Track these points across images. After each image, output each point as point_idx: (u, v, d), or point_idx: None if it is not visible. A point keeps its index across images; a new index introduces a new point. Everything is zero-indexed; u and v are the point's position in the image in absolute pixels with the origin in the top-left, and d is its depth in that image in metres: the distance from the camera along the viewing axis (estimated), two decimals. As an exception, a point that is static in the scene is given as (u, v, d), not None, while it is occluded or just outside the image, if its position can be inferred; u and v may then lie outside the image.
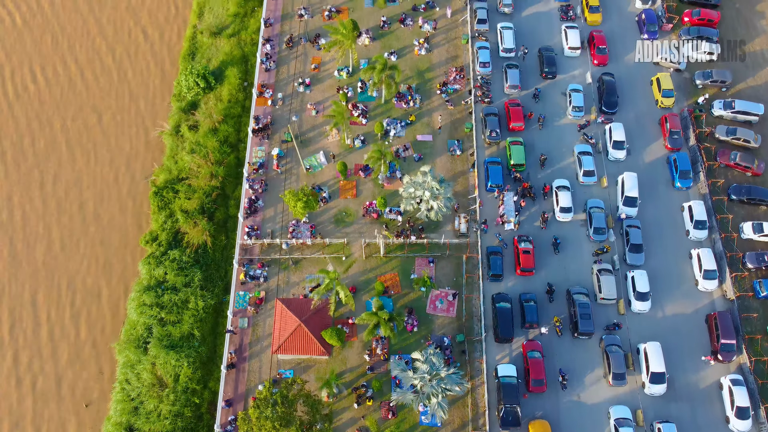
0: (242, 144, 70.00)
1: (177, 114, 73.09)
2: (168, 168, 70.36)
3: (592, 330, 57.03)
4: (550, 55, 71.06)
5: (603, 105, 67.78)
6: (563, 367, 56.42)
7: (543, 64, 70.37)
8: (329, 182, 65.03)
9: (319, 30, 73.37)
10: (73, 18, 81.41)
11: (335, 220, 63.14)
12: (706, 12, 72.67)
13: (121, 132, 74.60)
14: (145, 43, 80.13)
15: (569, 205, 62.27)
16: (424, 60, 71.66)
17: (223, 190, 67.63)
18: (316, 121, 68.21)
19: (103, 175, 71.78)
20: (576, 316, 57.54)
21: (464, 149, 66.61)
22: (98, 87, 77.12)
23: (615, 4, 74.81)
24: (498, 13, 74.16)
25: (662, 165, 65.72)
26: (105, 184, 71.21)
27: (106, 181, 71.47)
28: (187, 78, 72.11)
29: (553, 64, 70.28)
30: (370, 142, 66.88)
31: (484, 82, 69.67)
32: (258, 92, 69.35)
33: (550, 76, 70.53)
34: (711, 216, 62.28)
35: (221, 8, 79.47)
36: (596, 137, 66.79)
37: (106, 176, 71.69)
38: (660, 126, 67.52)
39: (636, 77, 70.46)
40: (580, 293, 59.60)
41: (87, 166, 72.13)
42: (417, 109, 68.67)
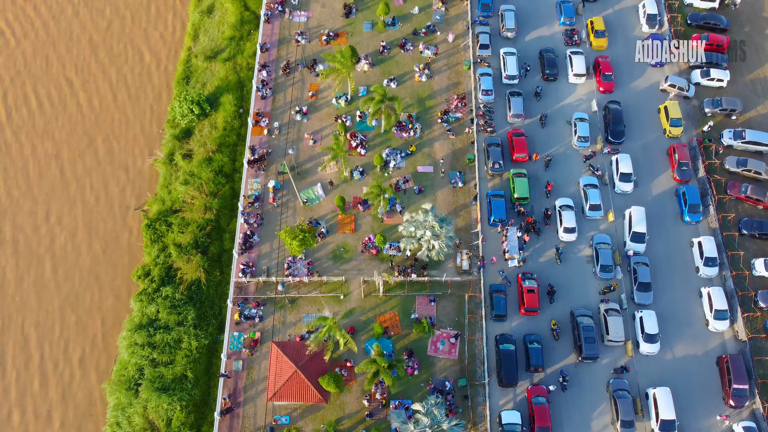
0: (237, 174, 67.95)
1: (171, 141, 71.07)
2: (161, 198, 68.37)
3: (597, 354, 55.52)
4: (551, 57, 69.84)
5: (609, 134, 65.76)
6: (563, 368, 55.91)
7: (544, 66, 69.46)
8: (327, 216, 63.00)
9: (316, 55, 71.32)
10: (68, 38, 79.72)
11: (333, 256, 61.11)
12: (715, 37, 70.63)
13: (115, 158, 72.57)
14: (141, 66, 78.12)
15: (573, 226, 60.68)
16: (425, 87, 69.63)
17: (217, 222, 65.59)
18: (313, 152, 66.18)
19: (97, 202, 69.84)
20: (580, 339, 55.90)
21: (466, 181, 64.57)
22: (92, 111, 75.05)
23: (621, 29, 72.76)
24: (501, 37, 72.10)
25: (670, 198, 63.68)
26: (99, 213, 69.26)
27: (101, 209, 69.53)
28: (181, 105, 70.06)
29: (554, 66, 69.25)
30: (369, 173, 64.86)
31: (486, 111, 67.64)
32: (254, 121, 67.32)
33: (551, 77, 69.27)
34: (721, 252, 60.25)
35: (216, 31, 77.45)
36: (602, 168, 64.76)
37: (101, 204, 69.76)
38: (668, 157, 65.48)
39: (643, 105, 68.43)
40: (584, 315, 57.89)
41: (80, 193, 70.16)
42: (417, 139, 66.64)
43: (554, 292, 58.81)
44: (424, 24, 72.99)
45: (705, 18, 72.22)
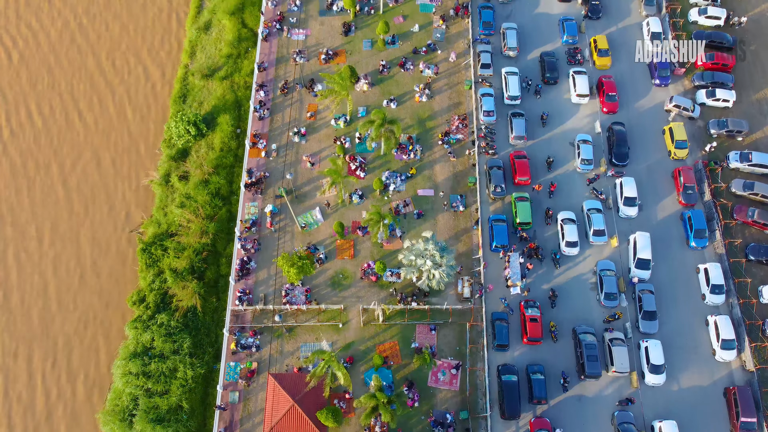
0: (234, 196, 66.73)
1: (167, 162, 69.89)
2: (157, 220, 67.19)
3: (599, 373, 54.64)
4: (552, 60, 69.17)
5: (613, 157, 64.51)
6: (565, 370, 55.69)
7: (544, 70, 68.90)
8: (325, 241, 61.75)
9: (315, 75, 70.07)
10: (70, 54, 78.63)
11: (332, 283, 59.86)
12: (720, 56, 69.40)
13: (118, 177, 71.40)
14: (146, 82, 76.89)
15: (575, 240, 59.75)
16: (425, 107, 68.39)
17: (214, 246, 64.36)
18: (311, 174, 64.93)
19: (101, 223, 68.76)
20: (582, 357, 54.97)
21: (467, 204, 63.33)
22: (96, 128, 73.92)
23: (625, 47, 71.51)
24: (503, 56, 70.86)
25: (676, 222, 62.44)
26: (102, 234, 68.17)
27: (104, 229, 68.45)
28: (177, 125, 68.85)
29: (554, 69, 68.78)
30: (369, 197, 63.63)
31: (488, 132, 66.42)
32: (251, 143, 66.10)
33: (551, 81, 68.71)
34: (728, 279, 59.01)
35: (214, 48, 76.26)
36: (606, 192, 63.52)
37: (104, 225, 68.69)
38: (673, 179, 64.24)
39: (647, 125, 67.21)
40: (587, 333, 56.79)
41: (84, 212, 69.07)
42: (417, 161, 65.40)
43: (556, 296, 58.23)
44: (424, 42, 71.77)
45: (710, 36, 70.96)
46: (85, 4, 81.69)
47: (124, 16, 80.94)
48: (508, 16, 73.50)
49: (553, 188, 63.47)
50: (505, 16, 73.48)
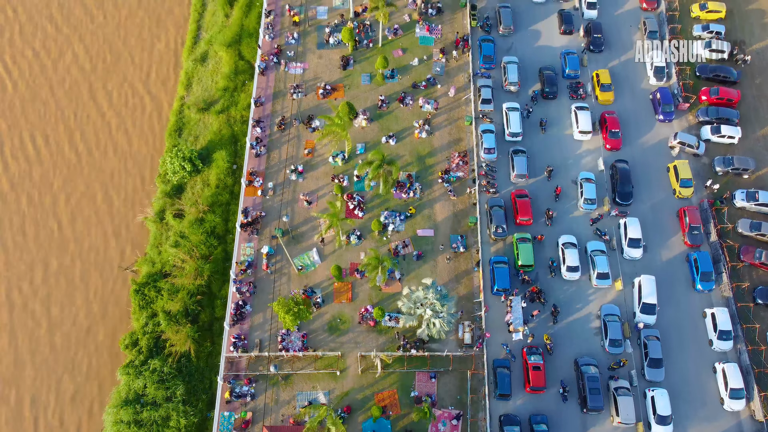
0: (230, 235, 65.36)
1: (162, 198, 68.61)
2: (151, 259, 65.83)
3: (602, 406, 53.52)
4: (551, 75, 68.62)
5: (617, 196, 63.17)
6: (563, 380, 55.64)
7: (543, 84, 68.43)
8: (323, 283, 60.29)
9: (313, 110, 68.86)
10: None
11: (329, 328, 58.36)
12: (725, 91, 68.24)
13: (112, 212, 70.02)
14: (142, 113, 75.75)
15: (576, 264, 58.97)
16: (425, 144, 67.14)
17: (209, 288, 62.96)
18: (308, 214, 63.57)
19: (93, 260, 67.37)
20: (585, 390, 53.88)
21: (468, 245, 61.92)
22: (90, 161, 72.68)
23: (628, 81, 70.36)
24: (503, 91, 69.68)
25: (681, 263, 61.01)
26: (94, 271, 66.82)
27: (97, 267, 67.10)
28: (172, 161, 67.61)
29: (553, 84, 68.24)
30: (367, 237, 62.23)
31: (489, 170, 65.11)
32: (247, 181, 64.76)
33: (551, 96, 68.23)
34: (736, 324, 57.52)
35: (210, 80, 75.17)
36: (610, 232, 62.13)
37: (97, 262, 67.30)
38: (678, 219, 62.87)
39: (651, 162, 65.92)
40: (589, 365, 55.34)
41: (78, 249, 67.76)
42: (417, 200, 64.05)
43: (558, 312, 57.83)
44: (424, 76, 70.62)
45: (714, 70, 69.87)
46: (82, 33, 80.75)
47: (120, 45, 79.89)
48: (509, 50, 72.39)
49: (558, 191, 63.50)
50: (505, 49, 72.37)
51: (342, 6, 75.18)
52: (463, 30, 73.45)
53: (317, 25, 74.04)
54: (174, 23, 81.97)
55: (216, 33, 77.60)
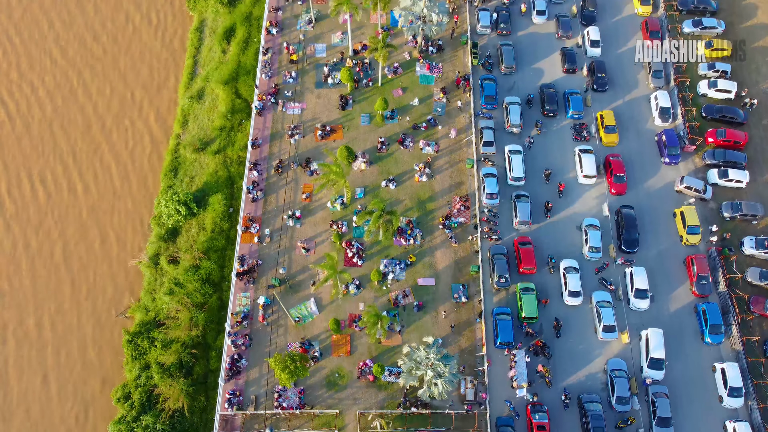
0: (226, 282, 63.72)
1: (156, 242, 67.05)
2: (144, 306, 64.28)
3: None
4: (551, 93, 68.59)
5: (622, 243, 61.55)
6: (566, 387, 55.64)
7: (544, 102, 68.39)
8: (321, 335, 58.58)
9: (311, 152, 67.37)
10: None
11: (327, 383, 56.58)
12: (732, 133, 66.81)
13: (100, 256, 68.46)
14: (141, 150, 74.57)
15: (578, 289, 58.52)
16: (426, 188, 65.60)
17: (203, 338, 61.26)
18: (306, 262, 61.92)
19: (89, 305, 65.83)
20: (588, 429, 52.63)
21: (470, 295, 60.25)
22: (88, 199, 71.39)
23: (633, 123, 68.93)
24: (506, 132, 68.23)
25: (689, 314, 59.32)
26: (88, 318, 65.23)
27: (94, 312, 65.57)
28: (167, 204, 66.07)
29: (554, 102, 68.09)
30: (366, 286, 60.56)
31: (491, 216, 63.54)
32: (243, 227, 63.18)
33: (551, 114, 67.75)
34: (746, 380, 55.75)
35: (206, 118, 73.80)
36: (615, 282, 60.47)
37: (93, 307, 65.77)
38: (686, 267, 61.23)
39: (657, 207, 64.35)
40: (593, 401, 53.68)
41: (74, 293, 66.22)
42: (418, 247, 62.43)
43: (561, 326, 57.61)
44: (424, 117, 69.20)
45: (721, 111, 68.43)
46: (81, 69, 79.56)
47: (118, 80, 78.69)
48: (511, 89, 71.04)
49: (562, 188, 64.15)
50: (507, 88, 71.02)
51: (341, 43, 73.92)
52: (464, 68, 72.14)
53: (315, 63, 72.72)
54: (173, 58, 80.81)
55: (212, 69, 76.34)
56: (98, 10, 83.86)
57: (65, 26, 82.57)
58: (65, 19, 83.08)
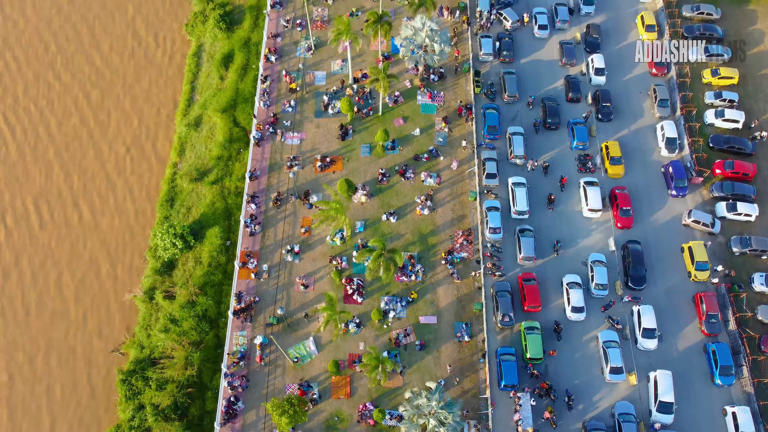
0: (223, 318, 62.20)
1: (152, 276, 65.57)
2: (139, 342, 62.74)
3: None
4: (553, 105, 68.22)
5: (629, 280, 60.03)
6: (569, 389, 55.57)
7: (546, 115, 68.16)
8: (320, 377, 56.95)
9: (310, 184, 65.92)
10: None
11: (326, 427, 54.90)
12: (740, 164, 65.38)
13: (93, 288, 66.99)
14: (150, 179, 73.29)
15: (581, 305, 57.82)
16: (427, 221, 64.13)
17: (199, 377, 59.66)
18: (305, 299, 60.38)
19: (77, 341, 64.30)
20: None
21: (473, 333, 58.68)
22: (70, 229, 69.88)
23: (638, 154, 67.51)
24: (509, 163, 66.82)
25: (698, 354, 57.71)
26: (80, 353, 63.73)
27: (79, 349, 63.99)
28: (163, 237, 64.62)
29: (555, 115, 67.83)
30: (367, 324, 58.99)
31: (494, 251, 62.04)
32: (241, 263, 61.66)
33: (552, 127, 67.45)
34: (758, 424, 54.09)
35: (204, 147, 72.46)
36: (623, 321, 58.88)
37: (83, 343, 64.24)
38: (694, 305, 59.67)
39: (664, 243, 62.80)
40: (597, 429, 52.00)
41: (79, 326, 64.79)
42: (419, 284, 60.92)
43: (561, 329, 57.60)
44: (426, 147, 67.82)
45: (728, 141, 67.06)
46: (81, 97, 78.40)
47: (113, 106, 77.43)
48: (514, 118, 69.69)
49: (564, 181, 64.67)
50: (510, 118, 69.67)
51: (341, 71, 72.65)
52: (466, 97, 70.84)
53: (315, 91, 71.44)
54: (171, 83, 79.58)
55: (210, 97, 75.09)
56: (94, 35, 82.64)
57: (64, 48, 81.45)
58: (63, 42, 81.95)
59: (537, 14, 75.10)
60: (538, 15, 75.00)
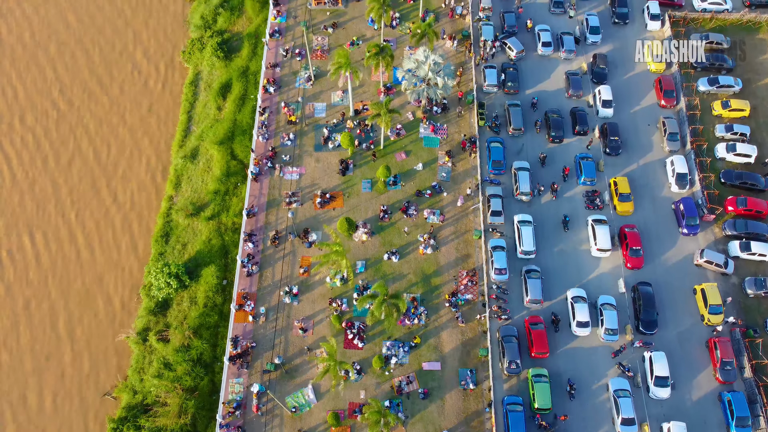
0: (218, 363, 59.98)
1: (146, 315, 63.40)
2: (132, 386, 60.47)
3: None
4: (557, 119, 67.43)
5: (640, 324, 57.85)
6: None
7: (549, 128, 67.34)
8: (319, 427, 54.65)
9: (310, 222, 63.87)
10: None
11: (325, 481, 52.74)
12: (753, 201, 63.36)
13: (87, 328, 64.82)
14: (149, 212, 71.18)
15: (587, 320, 57.14)
16: (430, 261, 62.02)
17: (194, 425, 57.37)
18: (304, 343, 58.17)
19: (68, 384, 62.05)
20: None
21: (478, 381, 56.44)
22: (66, 263, 67.88)
23: (648, 190, 65.49)
24: (514, 199, 64.79)
25: (713, 404, 55.41)
26: (72, 398, 61.45)
27: (71, 393, 61.74)
28: (157, 277, 62.53)
29: (559, 128, 67.01)
30: (368, 371, 56.77)
31: (500, 292, 59.92)
32: (237, 305, 59.51)
33: (556, 140, 66.61)
34: (777, 479, 51.88)
35: (200, 180, 70.48)
36: (634, 368, 56.65)
37: (75, 386, 62.00)
38: (708, 351, 57.45)
39: (676, 284, 60.64)
40: None
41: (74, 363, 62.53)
42: (423, 327, 58.73)
43: (559, 320, 57.91)
44: (428, 183, 65.82)
45: (740, 177, 65.07)
46: (87, 119, 76.53)
47: (110, 136, 75.56)
48: (519, 152, 67.74)
49: (567, 171, 65.21)
50: (515, 152, 67.72)
51: (341, 102, 70.79)
52: (470, 130, 68.92)
53: (315, 124, 69.53)
54: (167, 113, 77.72)
55: (207, 128, 73.18)
56: (92, 62, 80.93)
57: (68, 72, 79.65)
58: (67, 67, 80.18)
59: (540, 31, 73.68)
60: (541, 32, 73.54)
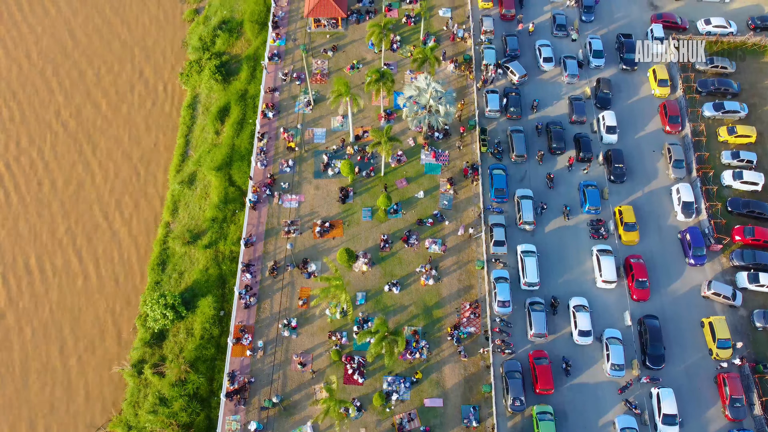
0: (215, 397, 58.57)
1: (141, 347, 62.03)
2: (126, 421, 58.96)
3: None
4: (558, 131, 67.60)
5: (647, 359, 56.51)
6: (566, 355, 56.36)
7: (551, 141, 67.62)
8: (318, 467, 53.34)
9: (309, 251, 62.62)
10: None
11: None
12: (761, 231, 62.18)
13: (83, 358, 63.46)
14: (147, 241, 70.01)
15: (588, 329, 56.94)
16: (432, 292, 60.73)
17: (190, 464, 56.02)
18: (303, 378, 56.79)
19: (61, 418, 60.61)
20: None
21: (482, 418, 55.02)
22: (61, 292, 66.54)
23: (653, 218, 64.29)
24: (518, 229, 63.58)
25: (723, 442, 54.15)
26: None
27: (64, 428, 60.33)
28: (153, 308, 61.20)
29: (560, 140, 67.39)
30: (368, 408, 55.35)
31: (503, 326, 58.60)
32: (235, 339, 58.15)
33: (557, 152, 66.98)
34: None
35: (197, 207, 69.28)
36: (641, 404, 55.27)
37: (67, 420, 60.54)
38: (717, 387, 56.11)
39: (683, 316, 59.34)
40: None
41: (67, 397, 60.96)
42: (424, 362, 57.38)
43: (558, 304, 58.61)
44: (430, 212, 64.61)
45: (747, 205, 63.96)
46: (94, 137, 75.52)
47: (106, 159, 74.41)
48: (522, 179, 66.59)
49: (571, 162, 66.36)
50: (518, 179, 66.58)
51: (341, 128, 69.71)
52: (472, 156, 67.81)
53: (314, 150, 68.41)
54: (164, 136, 76.65)
55: (205, 153, 72.07)
56: (88, 85, 79.90)
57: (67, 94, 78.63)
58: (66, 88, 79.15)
59: (541, 47, 73.11)
60: (542, 48, 72.93)
